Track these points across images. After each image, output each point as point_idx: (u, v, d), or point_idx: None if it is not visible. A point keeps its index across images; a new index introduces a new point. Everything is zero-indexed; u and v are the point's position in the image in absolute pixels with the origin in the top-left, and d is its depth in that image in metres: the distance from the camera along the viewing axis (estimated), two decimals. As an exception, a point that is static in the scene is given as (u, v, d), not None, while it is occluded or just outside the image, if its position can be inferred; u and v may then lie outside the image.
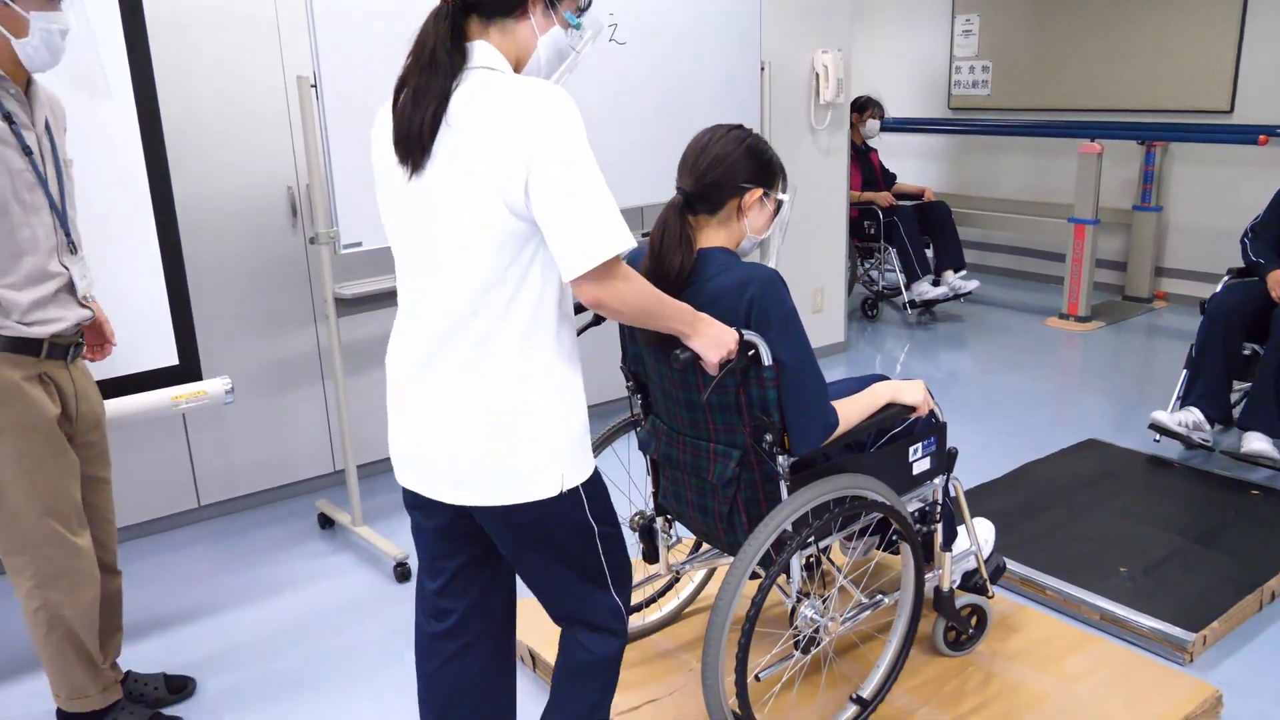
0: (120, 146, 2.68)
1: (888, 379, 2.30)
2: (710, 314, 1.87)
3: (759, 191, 2.05)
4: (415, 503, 1.85)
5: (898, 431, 2.35)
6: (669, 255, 2.01)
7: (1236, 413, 3.90)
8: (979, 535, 2.67)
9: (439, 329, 1.68)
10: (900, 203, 6.23)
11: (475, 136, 1.58)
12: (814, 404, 2.03)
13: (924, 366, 5.40)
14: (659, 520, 2.48)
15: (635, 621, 2.72)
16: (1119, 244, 6.68)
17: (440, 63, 1.60)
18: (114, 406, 2.71)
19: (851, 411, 2.13)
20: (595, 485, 1.80)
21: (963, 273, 6.26)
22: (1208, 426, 3.84)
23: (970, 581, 2.63)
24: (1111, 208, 6.48)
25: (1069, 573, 2.99)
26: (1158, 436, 3.93)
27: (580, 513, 1.77)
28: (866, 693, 2.34)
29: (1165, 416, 3.89)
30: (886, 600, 2.35)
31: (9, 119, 2.13)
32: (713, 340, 1.85)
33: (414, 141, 1.62)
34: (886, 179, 6.43)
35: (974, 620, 2.61)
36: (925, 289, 6.13)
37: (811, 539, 2.07)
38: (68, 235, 2.27)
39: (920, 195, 6.42)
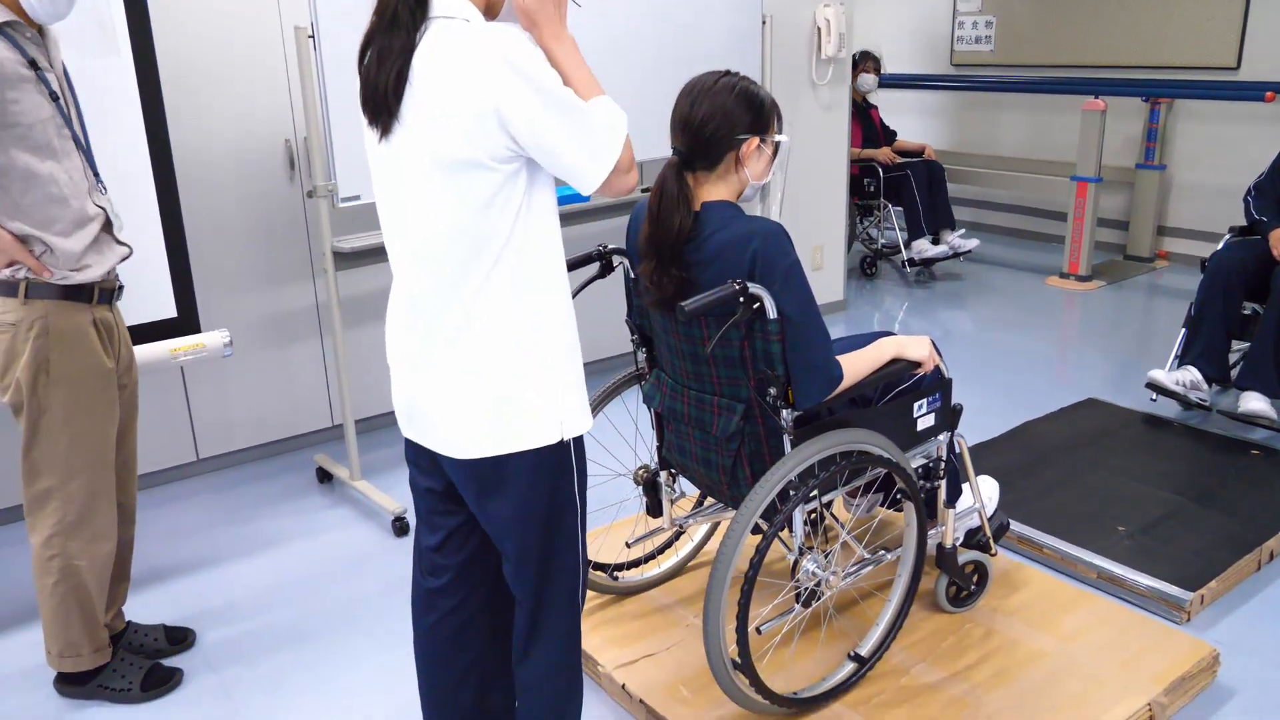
0: (117, 98, 2.65)
1: (893, 335, 2.29)
2: (714, 269, 1.88)
3: (756, 140, 2.02)
4: (415, 459, 1.85)
5: (904, 387, 2.34)
6: (668, 217, 1.99)
7: (1235, 374, 3.90)
8: (983, 493, 2.67)
9: (426, 287, 1.66)
10: (905, 159, 6.18)
11: (435, 92, 1.55)
12: (818, 357, 2.02)
13: (923, 325, 5.38)
14: (663, 474, 2.48)
15: (636, 575, 2.74)
16: (1121, 202, 6.64)
17: (401, 20, 1.56)
18: (111, 359, 2.69)
19: (856, 366, 2.12)
20: (582, 452, 1.77)
21: (962, 231, 6.22)
22: (1205, 386, 3.83)
23: (973, 539, 2.64)
24: (1114, 166, 6.43)
25: (1067, 531, 3.00)
26: (1154, 396, 3.92)
27: (569, 474, 1.74)
28: (865, 650, 2.35)
29: (1162, 375, 3.88)
30: (889, 556, 2.36)
31: (33, 65, 2.12)
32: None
33: (380, 105, 1.59)
34: (887, 136, 6.38)
35: (975, 577, 2.62)
36: (925, 247, 6.10)
37: (814, 493, 2.07)
38: (96, 175, 2.28)
39: (921, 152, 6.36)
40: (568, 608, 1.84)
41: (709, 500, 2.68)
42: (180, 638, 2.71)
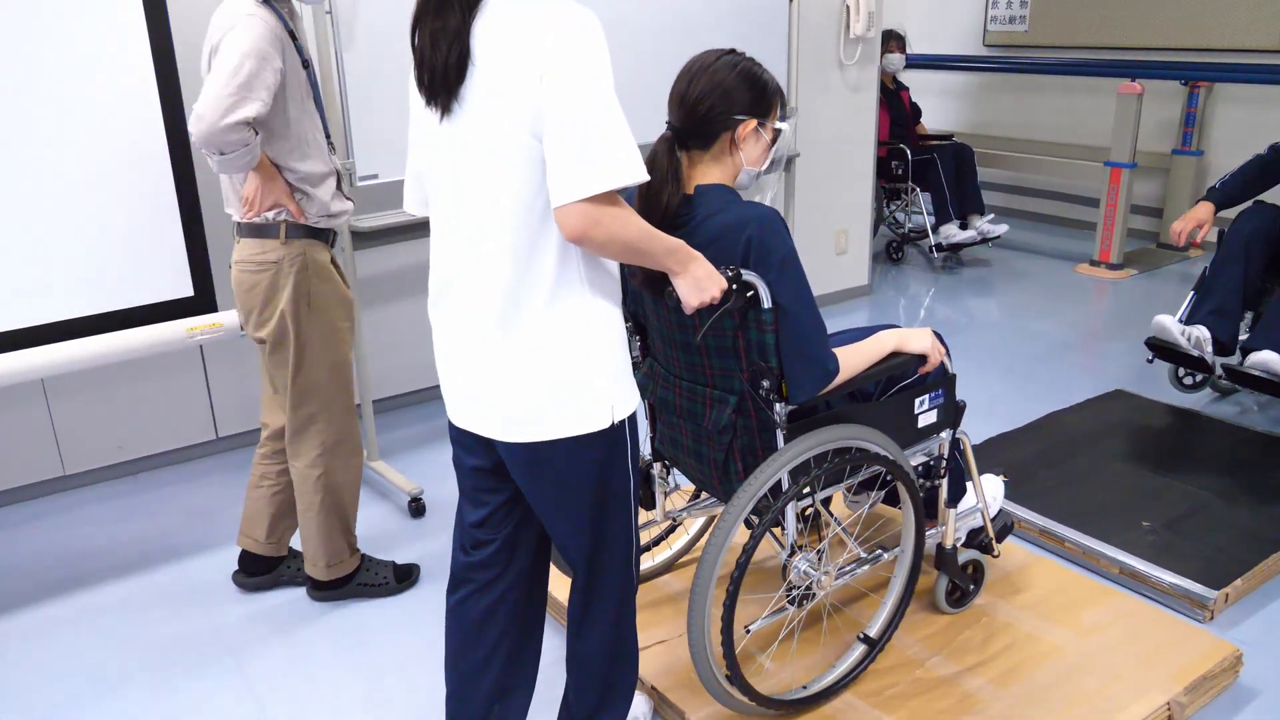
0: (133, 76, 2.64)
1: (896, 327, 2.22)
2: (708, 254, 1.79)
3: (753, 123, 1.93)
4: (459, 439, 1.86)
5: (906, 382, 2.27)
6: (657, 194, 1.91)
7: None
8: (987, 492, 2.61)
9: (484, 269, 1.65)
10: (929, 142, 6.09)
11: (500, 71, 1.54)
12: (813, 349, 1.95)
13: (949, 312, 5.32)
14: (656, 466, 2.44)
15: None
16: (1156, 189, 6.52)
17: (451, 1, 1.55)
18: (128, 337, 2.71)
19: (853, 359, 2.05)
20: (635, 426, 1.79)
21: (991, 216, 6.12)
22: (1210, 347, 3.57)
23: (976, 539, 2.58)
24: (1149, 151, 6.31)
25: (1089, 525, 2.95)
26: (1151, 356, 3.72)
27: (622, 452, 1.77)
28: (873, 632, 2.32)
29: (1169, 322, 3.60)
30: (886, 556, 2.31)
31: (292, 35, 2.39)
32: (694, 282, 1.74)
33: (438, 86, 1.59)
34: (914, 115, 6.26)
35: (972, 572, 2.56)
36: (953, 232, 6.01)
37: (807, 490, 2.02)
38: (328, 136, 2.55)
39: (949, 137, 6.26)
40: (621, 584, 1.88)
41: (704, 494, 2.63)
42: (405, 574, 2.90)
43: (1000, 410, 3.91)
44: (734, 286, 1.81)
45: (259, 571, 2.85)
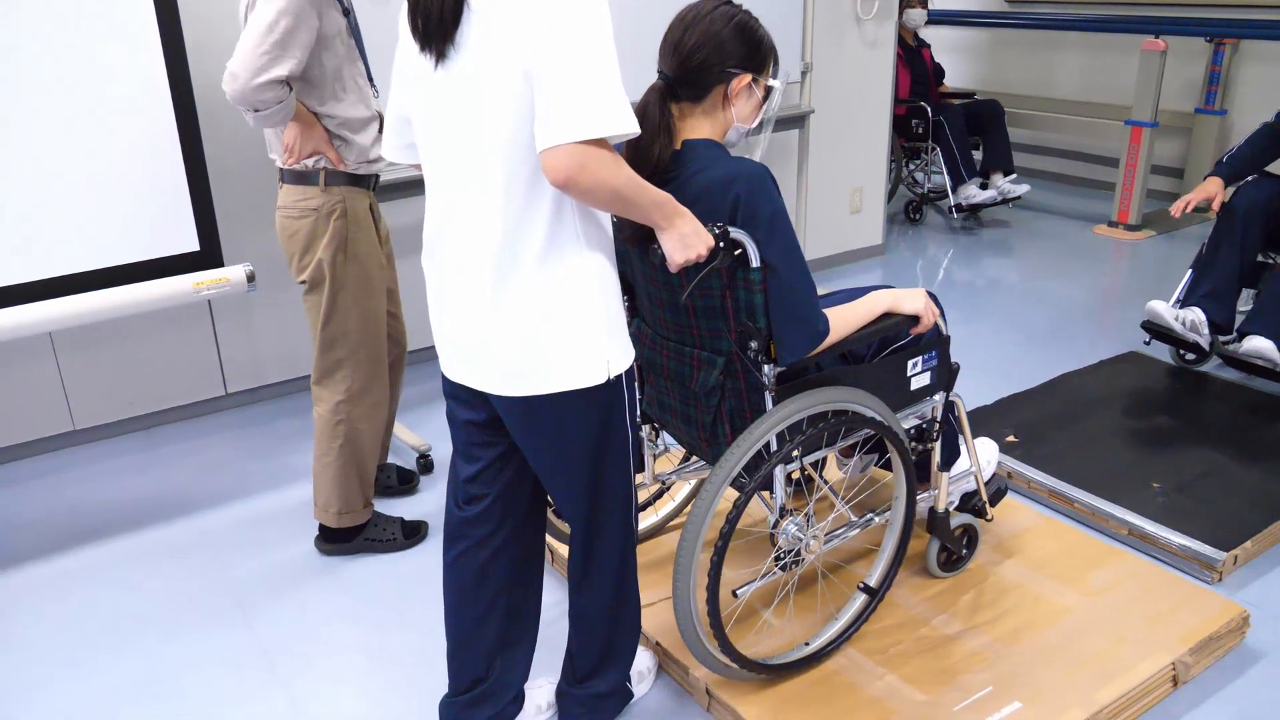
0: (137, 31, 2.62)
1: (889, 288, 2.17)
2: (695, 211, 1.75)
3: (747, 77, 1.87)
4: (454, 393, 1.85)
5: (899, 344, 2.23)
6: (648, 145, 1.86)
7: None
8: (981, 456, 2.58)
9: (479, 222, 1.64)
10: (950, 100, 6.00)
11: (497, 16, 1.51)
12: (802, 309, 1.89)
13: (965, 273, 5.26)
14: (645, 428, 2.40)
15: None
16: (1177, 149, 6.41)
17: None
18: (135, 292, 2.70)
19: (844, 320, 1.99)
20: (631, 383, 1.79)
21: (1012, 176, 6.01)
22: (1206, 330, 3.51)
23: (969, 503, 2.54)
24: (1172, 110, 6.20)
25: (1099, 486, 2.93)
26: (1148, 339, 3.65)
27: (620, 407, 1.77)
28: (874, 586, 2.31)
29: (1163, 307, 3.54)
30: (877, 519, 2.28)
31: None
32: (680, 239, 1.70)
33: (433, 30, 1.56)
34: (936, 75, 6.17)
35: (965, 540, 2.53)
36: (972, 192, 5.91)
37: (796, 453, 1.99)
38: (371, 81, 2.58)
39: (970, 95, 6.16)
40: (621, 538, 1.89)
41: (695, 457, 2.60)
42: (410, 478, 3.11)
43: (1013, 371, 3.88)
44: (721, 244, 1.76)
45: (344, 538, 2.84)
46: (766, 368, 1.92)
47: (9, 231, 2.55)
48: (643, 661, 2.26)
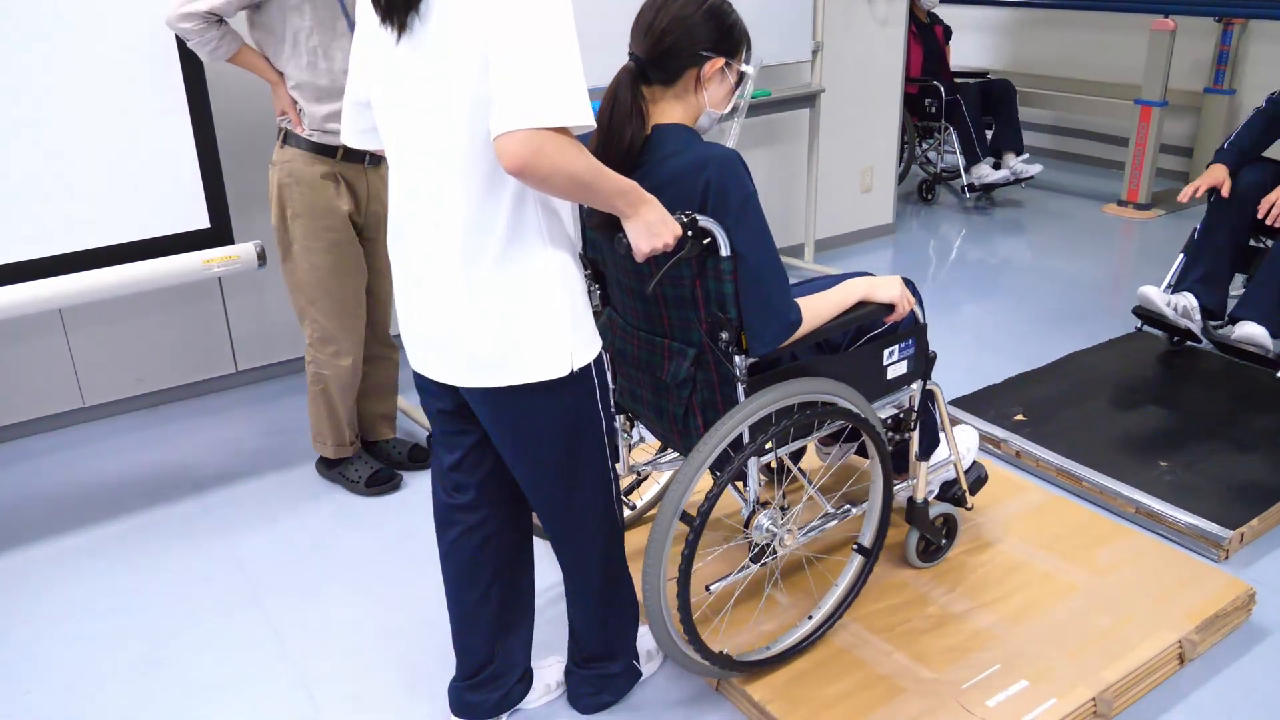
0: (151, 8, 2.61)
1: (866, 275, 2.12)
2: (665, 198, 1.71)
3: (720, 61, 1.82)
4: (423, 385, 1.84)
5: (877, 332, 2.18)
6: (620, 128, 1.81)
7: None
8: (961, 444, 2.55)
9: (431, 209, 1.61)
10: (963, 79, 5.95)
11: None
12: (774, 299, 1.84)
13: (976, 252, 5.25)
14: (620, 418, 2.37)
15: None
16: (1187, 128, 6.38)
17: None
18: (145, 269, 2.71)
19: (818, 309, 1.94)
20: (602, 369, 1.77)
21: (1025, 156, 5.97)
22: (1199, 315, 3.50)
23: (949, 492, 2.52)
24: (1181, 89, 6.16)
25: (1106, 464, 2.94)
26: (1140, 324, 3.64)
27: (591, 398, 1.75)
28: (819, 613, 2.26)
29: (1155, 293, 3.53)
30: (855, 511, 2.24)
31: None
32: (646, 227, 1.65)
33: (396, 1, 1.50)
34: (946, 37, 6.09)
35: (944, 530, 2.50)
36: (985, 172, 5.87)
37: (769, 445, 1.94)
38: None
39: (983, 75, 6.11)
40: (604, 527, 1.87)
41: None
42: (422, 456, 3.17)
43: (1022, 350, 3.88)
44: (689, 233, 1.72)
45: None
46: (738, 359, 1.88)
47: (20, 207, 2.55)
48: (650, 641, 2.27)
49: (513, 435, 1.76)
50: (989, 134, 5.98)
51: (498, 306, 1.63)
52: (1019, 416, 3.26)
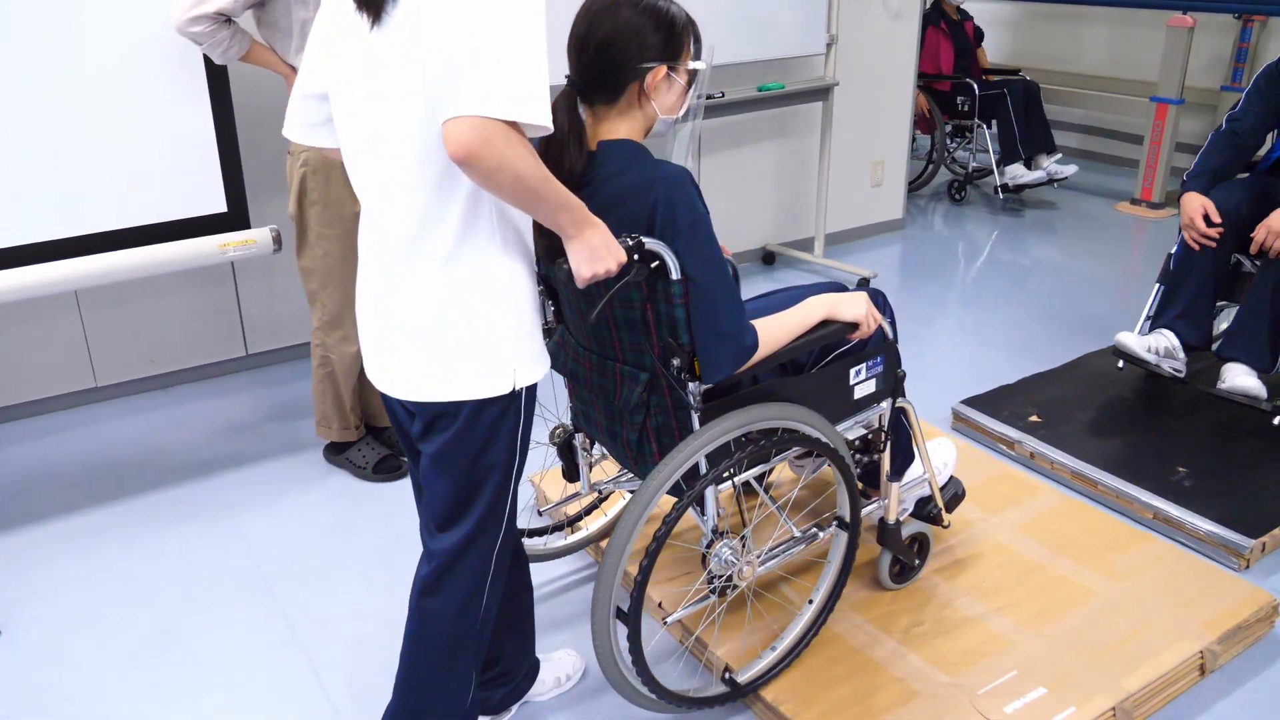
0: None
1: (843, 288, 2.03)
2: (611, 219, 1.61)
3: (663, 69, 1.70)
4: (386, 400, 1.75)
5: (844, 350, 2.08)
6: (557, 155, 1.69)
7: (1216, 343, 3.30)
8: (938, 458, 2.47)
9: (385, 206, 1.54)
10: (1002, 77, 5.88)
11: None
12: (726, 324, 1.74)
13: (989, 250, 5.23)
14: (579, 435, 2.26)
15: (557, 540, 2.53)
16: (1203, 126, 6.33)
17: None
18: (162, 251, 2.70)
19: (776, 332, 1.85)
20: (531, 401, 1.66)
21: (1058, 156, 5.87)
22: (1182, 354, 3.19)
23: (924, 509, 2.41)
24: (1198, 87, 6.13)
25: (1124, 469, 2.92)
26: (1121, 364, 3.36)
27: (515, 422, 1.64)
28: (782, 643, 2.15)
29: (1132, 339, 3.21)
30: (822, 535, 2.14)
31: None
32: (589, 251, 1.54)
33: None
34: (976, 39, 6.04)
35: (917, 550, 2.41)
36: (1020, 173, 5.77)
37: (728, 473, 1.86)
38: None
39: (1015, 73, 6.04)
40: (484, 554, 1.73)
41: None
42: None
43: (1034, 350, 3.86)
44: (635, 256, 1.62)
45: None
46: (691, 385, 1.79)
47: (43, 189, 2.54)
48: (566, 666, 2.20)
49: (433, 445, 1.65)
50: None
51: (442, 309, 1.54)
52: (1033, 418, 3.24)
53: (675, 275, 1.69)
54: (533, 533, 2.49)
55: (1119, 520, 2.71)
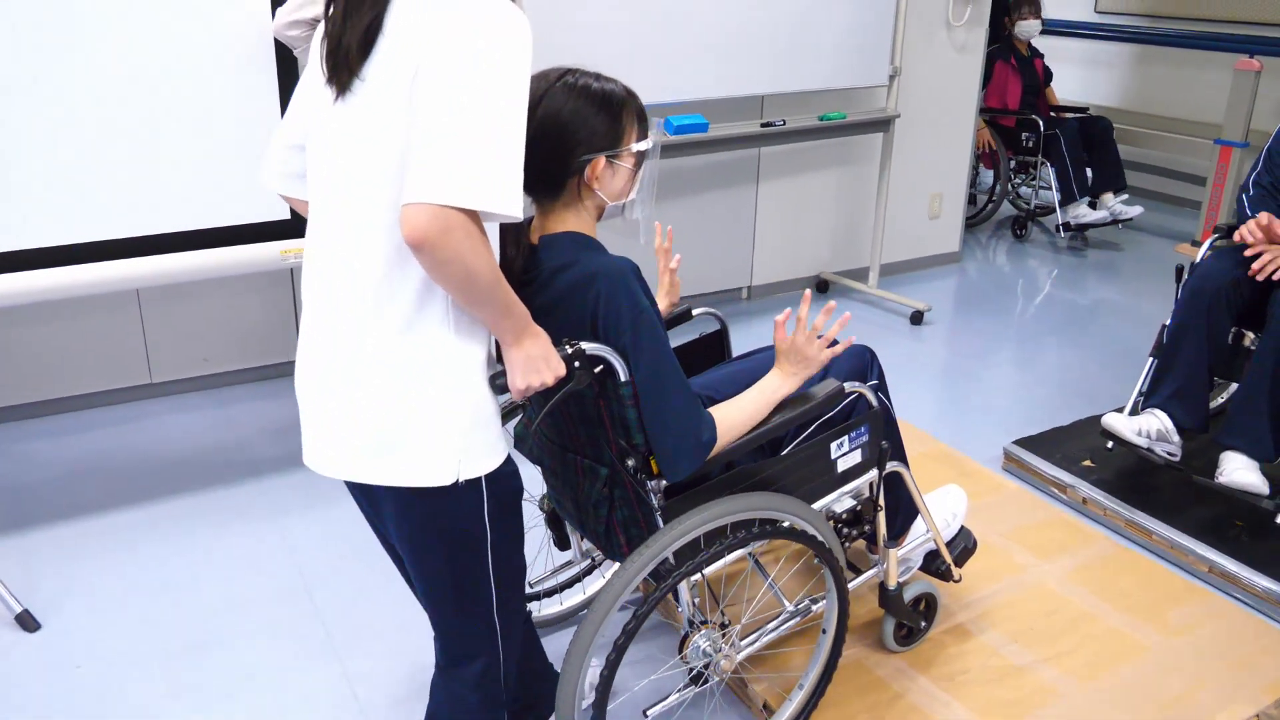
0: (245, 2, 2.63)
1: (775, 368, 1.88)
2: (555, 319, 1.56)
3: (602, 160, 1.61)
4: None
5: (825, 421, 1.98)
6: (501, 250, 1.57)
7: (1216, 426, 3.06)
8: (946, 509, 2.37)
9: (342, 268, 1.46)
10: (1063, 114, 5.82)
11: (403, 55, 1.34)
12: (680, 422, 1.66)
13: (1046, 288, 5.16)
14: None
15: (552, 607, 2.46)
16: (1265, 171, 6.23)
17: None
18: (225, 255, 2.72)
19: (735, 421, 1.76)
20: (503, 481, 1.56)
21: (1124, 196, 5.77)
22: (1176, 438, 2.95)
23: (933, 564, 2.31)
24: (1263, 130, 6.00)
25: (1178, 518, 2.85)
26: (1111, 444, 3.07)
27: (478, 512, 1.53)
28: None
29: (1120, 422, 2.97)
30: (815, 608, 2.02)
31: None
32: (526, 361, 1.48)
33: (341, 60, 1.39)
34: (1046, 79, 5.98)
35: (923, 611, 2.32)
36: (1082, 212, 5.67)
37: (702, 565, 1.75)
38: None
39: (1084, 111, 5.98)
40: (480, 652, 1.65)
41: None
42: None
43: (1089, 391, 3.80)
44: (576, 364, 1.55)
45: None
46: (651, 484, 1.70)
47: (113, 189, 2.57)
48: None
49: (395, 533, 1.59)
50: (1088, 172, 5.76)
51: (390, 384, 1.45)
52: (1086, 462, 3.18)
53: (624, 377, 1.62)
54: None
55: (1173, 572, 2.65)
